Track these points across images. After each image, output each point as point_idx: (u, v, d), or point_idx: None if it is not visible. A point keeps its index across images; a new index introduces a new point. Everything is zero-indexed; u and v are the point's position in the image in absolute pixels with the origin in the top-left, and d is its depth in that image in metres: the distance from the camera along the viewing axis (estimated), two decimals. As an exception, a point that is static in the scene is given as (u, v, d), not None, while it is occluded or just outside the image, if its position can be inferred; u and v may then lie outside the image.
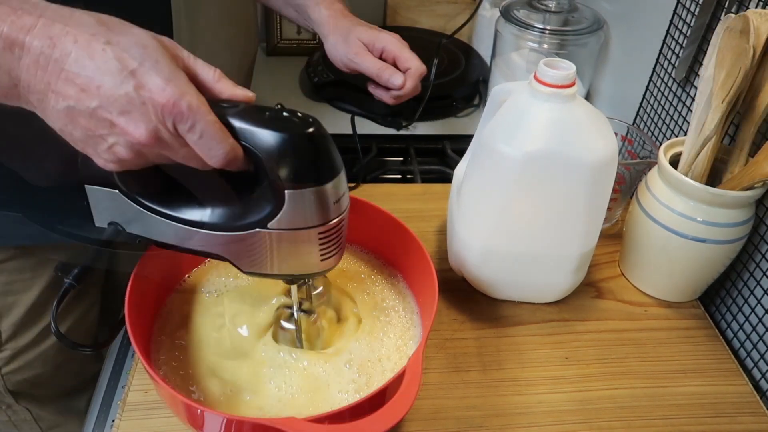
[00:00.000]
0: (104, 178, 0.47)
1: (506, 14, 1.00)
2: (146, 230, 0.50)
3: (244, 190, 0.47)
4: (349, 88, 1.05)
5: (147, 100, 0.39)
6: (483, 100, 1.12)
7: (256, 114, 0.43)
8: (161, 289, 0.60)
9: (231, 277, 0.62)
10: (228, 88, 0.44)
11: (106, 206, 0.49)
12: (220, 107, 0.42)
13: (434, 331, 0.67)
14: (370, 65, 0.77)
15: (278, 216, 0.45)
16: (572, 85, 0.57)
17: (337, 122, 1.03)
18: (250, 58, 1.30)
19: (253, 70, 1.24)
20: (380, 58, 0.79)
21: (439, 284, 0.55)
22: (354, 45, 0.77)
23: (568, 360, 0.66)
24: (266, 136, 0.42)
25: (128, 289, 0.51)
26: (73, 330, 0.80)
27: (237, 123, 0.42)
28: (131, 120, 0.39)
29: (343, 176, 0.46)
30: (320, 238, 0.47)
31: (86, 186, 0.49)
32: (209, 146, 0.41)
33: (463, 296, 0.72)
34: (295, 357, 0.55)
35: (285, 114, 0.43)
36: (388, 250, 0.65)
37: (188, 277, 0.62)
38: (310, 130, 0.43)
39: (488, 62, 1.10)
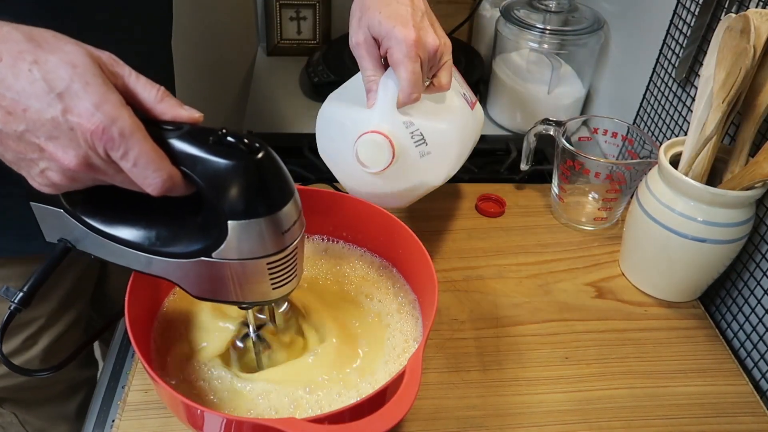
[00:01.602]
0: (48, 197, 0.44)
1: (506, 14, 1.00)
2: (95, 249, 0.47)
3: (189, 215, 0.44)
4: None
5: (75, 125, 0.37)
6: (483, 99, 1.12)
7: (198, 138, 0.40)
8: (161, 290, 0.59)
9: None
10: (170, 109, 0.41)
11: (53, 224, 0.47)
12: (160, 129, 0.39)
13: (434, 331, 0.67)
14: (364, 66, 0.62)
15: (221, 246, 0.42)
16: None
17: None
18: (250, 58, 1.30)
19: (253, 70, 1.24)
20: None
21: (439, 284, 0.54)
22: (360, 32, 0.60)
23: (568, 360, 0.66)
24: (208, 164, 0.39)
25: (128, 289, 0.51)
26: (57, 342, 0.78)
27: (178, 147, 0.39)
28: (59, 146, 0.37)
29: (294, 202, 0.43)
30: (270, 269, 0.44)
31: (32, 203, 0.46)
32: (144, 175, 0.38)
33: (463, 296, 0.72)
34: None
35: (230, 139, 0.39)
36: (387, 250, 0.64)
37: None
38: (258, 156, 0.40)
39: (488, 62, 1.10)
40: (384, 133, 0.59)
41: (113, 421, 0.58)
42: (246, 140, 0.40)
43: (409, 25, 0.57)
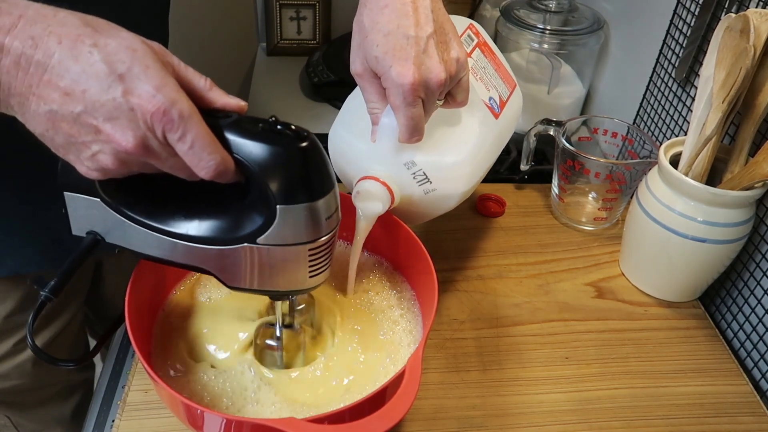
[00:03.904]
0: (85, 186, 0.45)
1: (506, 14, 1.00)
2: (127, 241, 0.47)
3: (233, 202, 0.45)
4: (349, 88, 1.05)
5: (136, 106, 0.37)
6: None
7: (249, 125, 0.41)
8: (161, 290, 0.59)
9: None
10: (220, 97, 0.42)
11: (85, 215, 0.47)
12: (211, 117, 0.40)
13: (434, 331, 0.67)
14: (367, 98, 0.57)
15: (268, 231, 0.43)
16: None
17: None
18: (250, 58, 1.30)
19: (253, 70, 1.24)
20: None
21: (439, 284, 0.54)
22: (358, 62, 0.55)
23: (568, 360, 0.66)
24: (259, 150, 0.41)
25: (128, 289, 0.51)
26: (53, 342, 0.78)
27: (229, 134, 0.41)
28: (118, 127, 0.38)
29: (336, 192, 0.45)
30: (310, 255, 0.46)
31: (65, 193, 0.46)
32: (200, 157, 0.39)
33: (463, 296, 0.72)
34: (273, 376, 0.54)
35: (279, 127, 0.41)
36: (387, 249, 0.64)
37: (188, 279, 0.62)
38: (305, 144, 0.41)
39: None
40: (382, 181, 0.58)
41: (113, 421, 0.58)
42: (294, 127, 0.41)
43: (408, 62, 0.50)
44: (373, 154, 0.59)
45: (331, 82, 1.07)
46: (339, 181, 0.65)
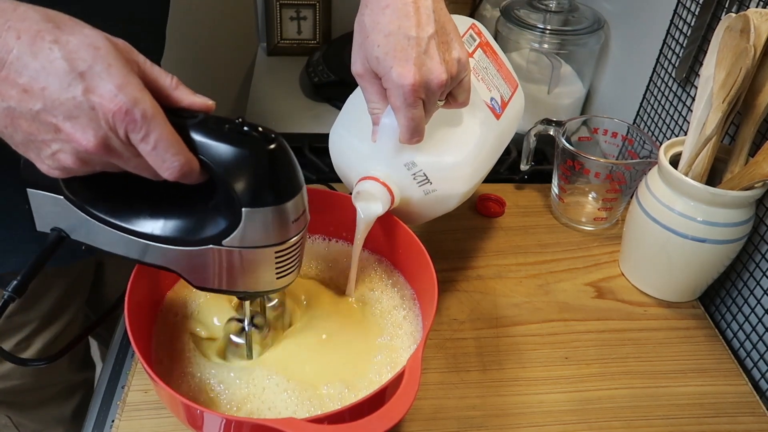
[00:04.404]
0: (48, 183, 0.44)
1: (506, 14, 1.00)
2: (92, 239, 0.47)
3: (198, 203, 0.44)
4: (349, 88, 1.05)
5: (97, 105, 0.36)
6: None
7: (215, 126, 0.40)
8: (160, 289, 0.59)
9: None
10: (186, 96, 0.41)
11: (49, 211, 0.46)
12: (176, 117, 0.40)
13: (434, 331, 0.67)
14: (368, 98, 0.57)
15: (234, 233, 0.43)
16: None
17: (336, 122, 1.03)
18: (250, 58, 1.30)
19: (253, 70, 1.24)
20: None
21: (439, 284, 0.54)
22: (359, 63, 0.54)
23: (568, 360, 0.66)
24: (225, 151, 0.40)
25: (128, 289, 0.51)
26: (55, 342, 0.78)
27: (195, 134, 0.40)
28: (78, 126, 0.37)
29: (304, 193, 0.44)
30: (277, 257, 0.45)
31: (28, 189, 0.46)
32: (163, 158, 0.38)
33: (463, 296, 0.72)
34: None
35: (246, 128, 0.40)
36: (387, 249, 0.64)
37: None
38: (272, 146, 0.41)
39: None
40: (382, 181, 0.58)
41: (113, 421, 0.58)
42: (261, 129, 0.41)
43: (409, 62, 0.50)
44: (373, 155, 0.59)
45: (331, 82, 1.07)
46: (340, 181, 0.65)
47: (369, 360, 0.55)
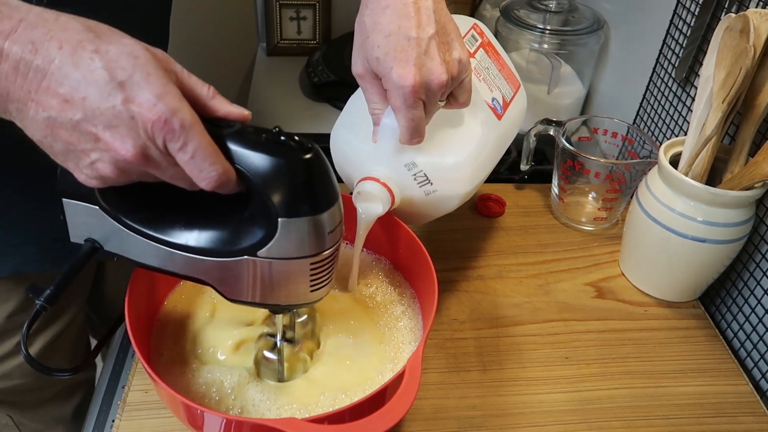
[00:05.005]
0: (83, 193, 0.44)
1: (506, 14, 1.00)
2: (125, 249, 0.46)
3: (233, 214, 0.44)
4: (349, 88, 1.05)
5: (136, 115, 0.36)
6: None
7: (252, 136, 0.40)
8: (161, 290, 0.59)
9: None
10: (223, 106, 0.42)
11: (84, 222, 0.46)
12: (214, 126, 0.40)
13: (434, 331, 0.67)
14: (369, 99, 0.57)
15: (269, 244, 0.42)
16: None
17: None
18: (250, 58, 1.30)
19: (253, 70, 1.24)
20: None
21: (439, 284, 0.54)
22: (360, 63, 0.55)
23: (568, 360, 0.66)
24: (262, 161, 0.40)
25: (128, 289, 0.51)
26: (55, 342, 0.77)
27: (231, 144, 0.40)
28: (117, 135, 0.37)
29: (340, 204, 0.44)
30: (312, 269, 0.45)
31: (63, 200, 0.45)
32: (201, 168, 0.38)
33: (463, 296, 0.72)
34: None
35: (282, 138, 0.40)
36: (387, 249, 0.65)
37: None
38: (309, 156, 0.40)
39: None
40: (382, 182, 0.58)
41: (113, 421, 0.58)
42: (297, 138, 0.41)
43: (409, 63, 0.50)
44: (374, 155, 0.59)
45: (331, 82, 1.07)
46: (340, 181, 0.65)
47: (372, 361, 0.55)
